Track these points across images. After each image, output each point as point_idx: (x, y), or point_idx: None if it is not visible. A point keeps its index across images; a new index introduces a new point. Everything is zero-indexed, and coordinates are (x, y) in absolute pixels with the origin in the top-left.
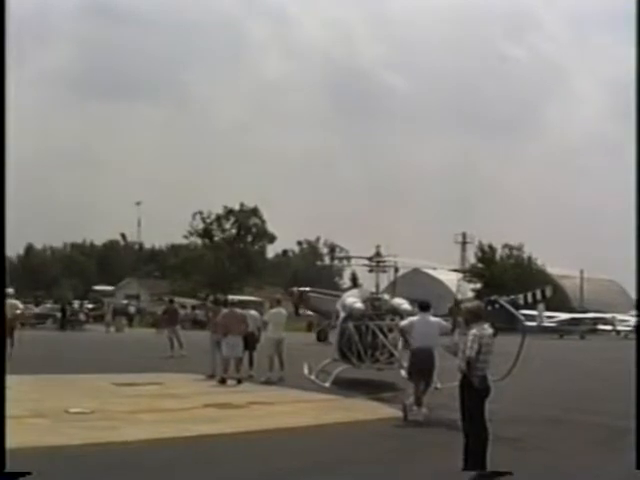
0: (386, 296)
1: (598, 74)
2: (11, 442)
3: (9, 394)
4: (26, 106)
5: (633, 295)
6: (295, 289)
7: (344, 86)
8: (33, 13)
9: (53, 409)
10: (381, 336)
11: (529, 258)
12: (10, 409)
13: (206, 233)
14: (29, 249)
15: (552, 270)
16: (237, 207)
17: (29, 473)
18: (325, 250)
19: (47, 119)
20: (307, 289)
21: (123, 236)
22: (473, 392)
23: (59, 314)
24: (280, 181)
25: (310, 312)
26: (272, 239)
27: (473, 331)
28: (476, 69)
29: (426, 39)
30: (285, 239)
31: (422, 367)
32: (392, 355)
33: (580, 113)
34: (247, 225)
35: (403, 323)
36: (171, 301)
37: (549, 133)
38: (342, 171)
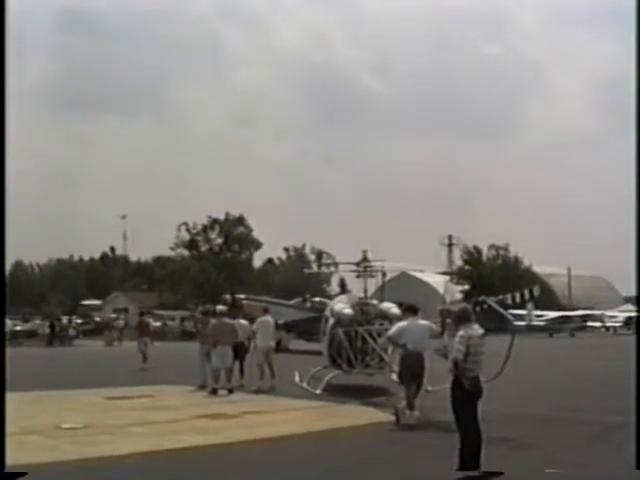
0: (375, 301)
1: (578, 70)
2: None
3: None
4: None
5: (621, 291)
6: (227, 296)
7: (324, 91)
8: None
9: (45, 425)
10: (371, 341)
11: (515, 258)
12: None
13: (192, 244)
14: (17, 265)
15: (539, 269)
16: (222, 217)
17: (25, 473)
18: (312, 257)
19: (28, 135)
20: (241, 296)
21: (112, 249)
22: (465, 394)
23: (47, 330)
24: (263, 189)
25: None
26: (258, 246)
27: (460, 333)
28: (456, 69)
29: (404, 40)
30: (271, 247)
31: (413, 370)
32: (382, 359)
33: (562, 109)
34: (233, 234)
35: (391, 332)
36: (142, 313)
37: (531, 131)
38: (325, 177)
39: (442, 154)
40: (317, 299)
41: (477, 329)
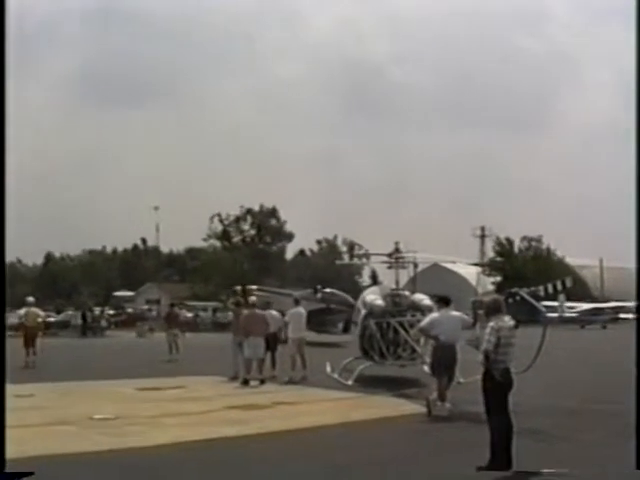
0: (406, 292)
1: (612, 64)
2: (38, 449)
3: (34, 402)
4: (39, 114)
5: None
6: (238, 287)
7: (355, 83)
8: (42, 19)
9: (78, 416)
10: (403, 332)
11: (548, 249)
12: (35, 417)
13: (224, 235)
14: (48, 257)
15: (571, 261)
16: (255, 208)
17: (32, 473)
18: (344, 248)
19: (60, 126)
20: (253, 287)
21: (143, 241)
22: (495, 385)
23: (80, 321)
24: (295, 180)
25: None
26: (290, 238)
27: (491, 324)
28: (489, 62)
29: (437, 33)
30: (304, 239)
31: (445, 362)
32: (414, 351)
33: (596, 103)
34: (266, 226)
35: (423, 324)
36: (172, 305)
37: (564, 123)
38: (357, 168)
39: (475, 146)
40: (328, 290)
41: (508, 320)
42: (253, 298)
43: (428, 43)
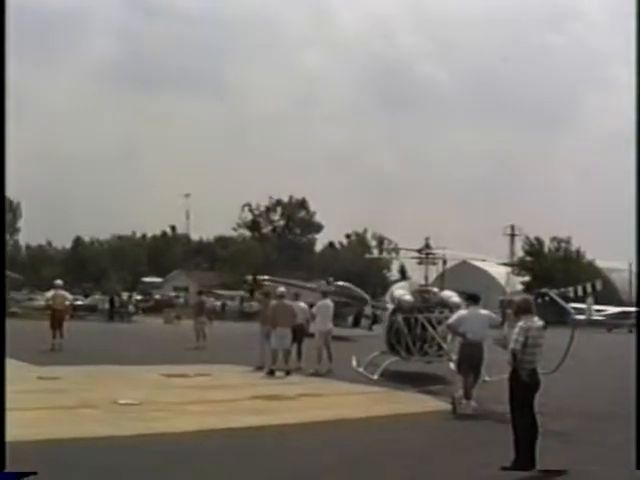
0: (435, 289)
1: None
2: (61, 432)
3: (59, 384)
4: (70, 102)
5: None
6: (250, 277)
7: (384, 77)
8: (75, 8)
9: (102, 400)
10: (430, 329)
11: (577, 251)
12: (61, 399)
13: (254, 225)
14: (77, 242)
15: (601, 263)
16: (285, 199)
17: (34, 473)
18: (373, 243)
19: (91, 113)
20: (264, 277)
21: (173, 228)
22: (522, 385)
23: (108, 305)
24: (324, 172)
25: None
26: (319, 229)
27: (520, 324)
28: (517, 58)
29: (465, 29)
30: (333, 231)
31: (471, 360)
32: (441, 348)
33: (624, 101)
34: (295, 217)
35: (451, 321)
36: (200, 292)
37: (593, 122)
38: (385, 163)
39: (504, 145)
40: (341, 283)
41: (537, 321)
42: (282, 289)
43: (454, 40)
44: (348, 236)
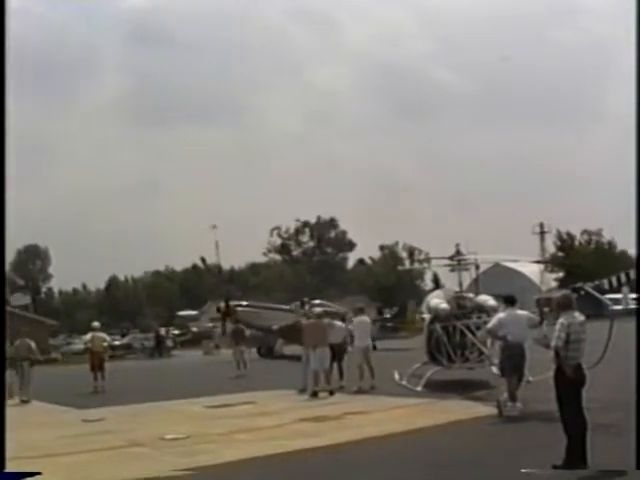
0: (470, 294)
1: None
2: (110, 474)
3: (105, 426)
4: (88, 140)
5: None
6: (221, 304)
7: (397, 87)
8: (82, 46)
9: (149, 437)
10: (469, 335)
11: (609, 242)
12: (107, 440)
13: (284, 249)
14: (112, 281)
15: (634, 252)
16: (313, 220)
17: (38, 473)
18: (404, 254)
19: (111, 151)
20: (238, 303)
21: (203, 260)
22: (568, 382)
23: (145, 343)
24: (348, 188)
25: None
26: (352, 247)
27: (561, 320)
28: (529, 57)
29: (474, 31)
30: (363, 247)
31: (514, 362)
32: (482, 353)
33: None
34: (325, 237)
35: (490, 325)
36: (237, 321)
37: (614, 114)
38: (407, 172)
39: (524, 143)
40: (317, 301)
41: (578, 316)
42: (318, 309)
43: (466, 42)
44: (382, 248)
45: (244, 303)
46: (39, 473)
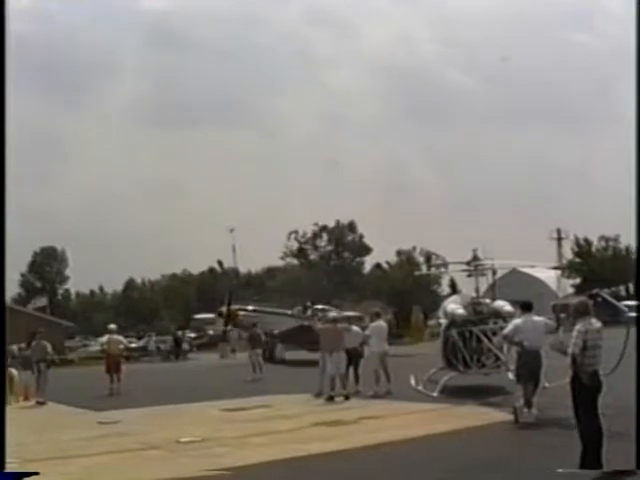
0: (487, 300)
1: None
2: (125, 476)
3: (120, 428)
4: (107, 143)
5: None
6: (222, 309)
7: (413, 90)
8: (102, 48)
9: (164, 440)
10: (486, 340)
11: (626, 248)
12: (122, 443)
13: (301, 253)
14: (129, 284)
15: None
16: (331, 224)
17: (36, 473)
18: (421, 259)
19: (129, 154)
20: (237, 307)
21: (220, 263)
22: (584, 388)
23: (162, 346)
24: (365, 192)
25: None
26: (368, 252)
27: (578, 327)
28: (545, 59)
29: (489, 34)
30: (380, 251)
31: (530, 368)
32: (498, 359)
33: None
34: (343, 241)
35: (506, 330)
36: (254, 325)
37: (633, 117)
38: (423, 176)
39: (539, 147)
40: (319, 307)
41: (595, 322)
42: (333, 314)
43: (481, 44)
44: (399, 253)
45: (248, 307)
46: (37, 473)
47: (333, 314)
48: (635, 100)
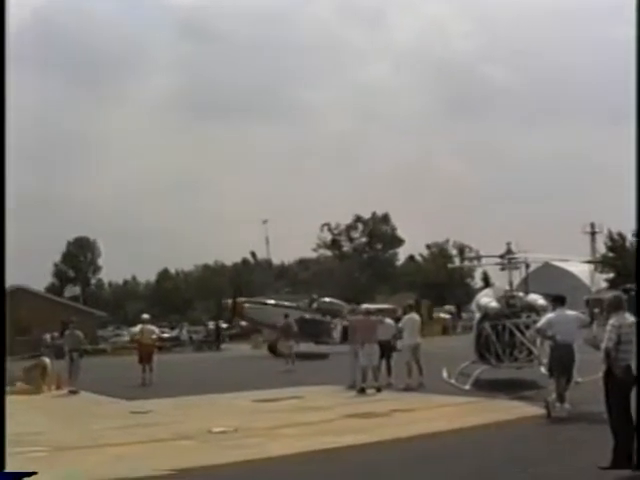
0: (520, 293)
1: None
2: (158, 465)
3: (152, 418)
4: (140, 136)
5: None
6: (228, 301)
7: (446, 84)
8: (130, 42)
9: (196, 430)
10: (518, 334)
11: None
12: (154, 432)
13: (334, 244)
14: (163, 274)
15: None
16: (366, 216)
17: (35, 473)
18: (454, 252)
19: (162, 147)
20: (242, 299)
21: (253, 254)
22: (617, 383)
23: (194, 336)
24: (399, 186)
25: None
26: (400, 243)
27: (611, 321)
28: (581, 54)
29: (524, 27)
30: (414, 244)
31: (563, 362)
32: (531, 353)
33: None
34: (377, 233)
35: (539, 324)
36: (286, 316)
37: None
38: (458, 170)
39: (571, 142)
40: (327, 300)
41: (628, 317)
42: (366, 305)
43: (516, 38)
44: (429, 247)
45: (252, 300)
46: (35, 473)
47: (365, 306)
48: (635, 99)
